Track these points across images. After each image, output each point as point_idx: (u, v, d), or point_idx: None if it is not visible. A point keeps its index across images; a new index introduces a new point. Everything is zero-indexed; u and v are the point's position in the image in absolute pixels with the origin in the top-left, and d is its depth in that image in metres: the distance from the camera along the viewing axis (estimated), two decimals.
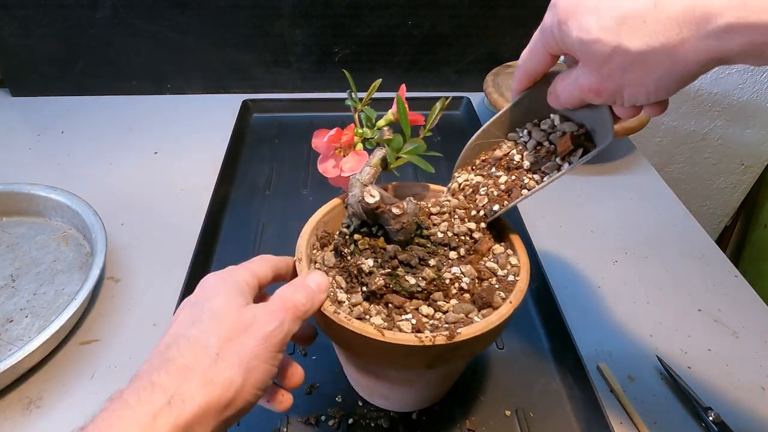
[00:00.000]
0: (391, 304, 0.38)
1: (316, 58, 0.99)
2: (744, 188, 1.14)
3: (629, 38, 0.31)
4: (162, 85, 1.01)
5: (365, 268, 0.39)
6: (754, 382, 0.54)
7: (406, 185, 0.49)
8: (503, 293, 0.39)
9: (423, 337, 0.35)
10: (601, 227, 0.73)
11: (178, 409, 0.27)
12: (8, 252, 0.64)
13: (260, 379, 0.31)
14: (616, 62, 0.32)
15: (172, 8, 0.91)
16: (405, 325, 0.37)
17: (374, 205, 0.38)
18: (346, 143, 0.44)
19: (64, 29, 0.92)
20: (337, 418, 0.48)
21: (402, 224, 0.39)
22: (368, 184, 0.40)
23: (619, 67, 0.32)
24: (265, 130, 0.92)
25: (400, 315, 0.38)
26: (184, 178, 0.79)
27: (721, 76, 0.99)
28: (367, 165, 0.41)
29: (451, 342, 0.35)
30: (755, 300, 0.64)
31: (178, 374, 0.29)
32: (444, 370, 0.44)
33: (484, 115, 0.95)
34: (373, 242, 0.41)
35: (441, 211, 0.44)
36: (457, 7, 0.95)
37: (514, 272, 0.42)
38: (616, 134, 0.80)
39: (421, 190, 0.49)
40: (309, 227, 0.44)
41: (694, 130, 1.06)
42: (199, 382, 0.29)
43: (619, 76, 0.33)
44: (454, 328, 0.36)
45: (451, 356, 0.37)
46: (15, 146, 0.85)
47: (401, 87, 0.45)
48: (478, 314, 0.38)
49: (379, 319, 0.37)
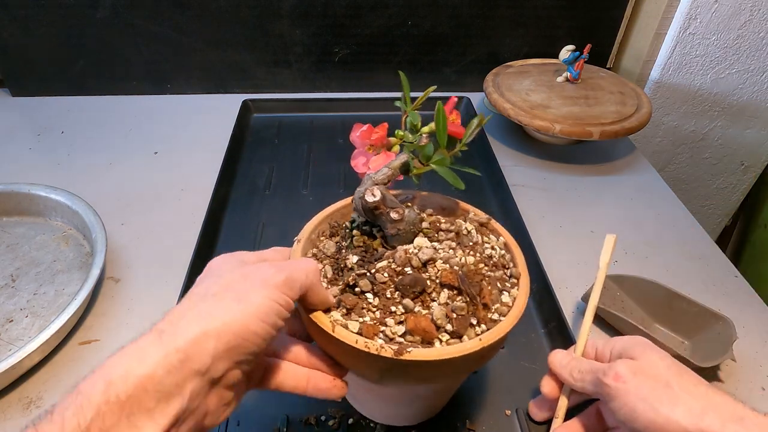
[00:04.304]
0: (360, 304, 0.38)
1: (316, 58, 0.99)
2: (744, 188, 1.14)
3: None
4: (162, 85, 1.01)
5: (348, 263, 0.39)
6: (754, 382, 0.54)
7: (435, 196, 0.47)
8: (480, 327, 0.37)
9: (367, 342, 0.34)
10: (601, 227, 0.73)
11: (169, 341, 0.27)
12: (8, 252, 0.64)
13: (263, 310, 0.29)
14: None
15: (172, 8, 0.91)
16: (353, 325, 0.35)
17: (373, 205, 0.38)
18: (377, 141, 0.43)
19: (64, 29, 0.92)
20: (337, 418, 0.48)
21: (398, 230, 0.39)
22: (379, 184, 0.39)
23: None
24: (265, 130, 0.92)
25: (360, 317, 0.37)
26: (184, 178, 0.79)
27: (721, 76, 0.99)
28: (387, 166, 0.41)
29: (397, 358, 0.33)
30: (755, 300, 0.64)
31: (174, 318, 0.29)
32: (421, 391, 0.42)
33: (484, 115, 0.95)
34: (368, 241, 0.41)
35: (449, 228, 0.42)
36: (457, 7, 0.95)
37: (502, 311, 0.38)
38: (616, 134, 0.80)
39: (450, 204, 0.47)
40: (323, 214, 0.44)
41: (694, 130, 1.06)
42: (193, 318, 0.28)
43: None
44: (405, 346, 0.34)
45: (402, 375, 0.36)
46: (15, 146, 0.85)
47: (451, 99, 0.44)
48: (445, 342, 0.36)
49: (338, 314, 0.36)
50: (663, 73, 0.99)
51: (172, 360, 0.26)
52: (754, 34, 0.94)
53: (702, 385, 0.36)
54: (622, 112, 0.83)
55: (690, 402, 0.34)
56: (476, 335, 0.36)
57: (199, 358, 0.27)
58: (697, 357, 0.51)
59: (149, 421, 0.25)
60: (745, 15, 0.92)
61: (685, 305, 0.56)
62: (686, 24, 0.93)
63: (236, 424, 0.47)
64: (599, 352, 0.44)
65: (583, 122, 0.81)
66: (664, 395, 0.35)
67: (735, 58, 0.97)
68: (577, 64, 0.88)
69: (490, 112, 0.96)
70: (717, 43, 0.95)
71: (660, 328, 0.58)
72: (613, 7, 0.99)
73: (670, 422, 0.33)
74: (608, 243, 0.50)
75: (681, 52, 0.96)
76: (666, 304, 0.57)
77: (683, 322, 0.57)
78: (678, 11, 0.93)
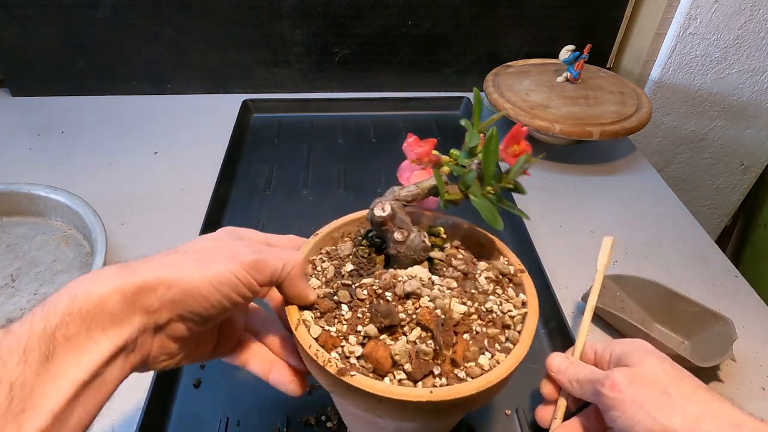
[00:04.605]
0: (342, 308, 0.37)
1: (316, 58, 0.99)
2: (744, 188, 1.14)
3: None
4: (162, 85, 1.01)
5: (343, 270, 0.39)
6: (754, 382, 0.54)
7: (476, 230, 0.44)
8: (441, 381, 0.33)
9: (318, 351, 0.33)
10: (601, 227, 0.73)
11: (128, 275, 0.29)
12: (8, 252, 0.64)
13: (218, 279, 0.31)
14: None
15: (172, 8, 0.91)
16: (315, 330, 0.35)
17: (380, 219, 0.37)
18: (421, 155, 0.41)
19: (64, 29, 0.92)
20: (336, 419, 0.48)
21: (398, 251, 0.38)
22: (400, 200, 0.38)
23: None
24: (265, 130, 0.92)
25: (329, 325, 0.36)
26: (184, 178, 0.79)
27: (721, 76, 0.99)
28: (416, 185, 0.39)
29: (337, 377, 0.32)
30: (755, 300, 0.64)
31: (142, 261, 0.31)
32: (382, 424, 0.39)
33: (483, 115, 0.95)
34: (373, 255, 0.40)
35: (458, 266, 0.40)
36: (457, 7, 0.95)
37: (473, 373, 0.34)
38: (616, 134, 0.80)
39: (487, 243, 0.43)
40: (354, 216, 0.44)
41: (694, 130, 1.06)
42: (155, 265, 0.30)
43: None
44: (351, 369, 0.32)
45: (346, 396, 0.34)
46: (15, 146, 0.85)
47: (517, 126, 0.39)
48: (396, 381, 0.33)
49: (310, 315, 0.36)
50: (663, 73, 0.99)
51: (127, 292, 0.28)
52: (754, 34, 0.94)
53: (700, 390, 0.35)
54: (622, 112, 0.83)
55: (687, 408, 0.34)
56: (432, 386, 0.33)
57: (148, 299, 0.29)
58: (697, 357, 0.51)
59: (104, 338, 0.27)
60: (745, 15, 0.92)
61: (685, 305, 0.56)
62: (686, 24, 0.93)
63: (236, 424, 0.47)
64: (599, 357, 0.43)
65: (583, 122, 0.81)
66: (662, 403, 0.35)
67: (735, 58, 0.97)
68: (577, 64, 0.88)
69: (490, 112, 0.96)
70: (717, 43, 0.95)
71: (660, 328, 0.58)
72: (613, 7, 0.99)
73: (667, 430, 0.33)
74: (606, 245, 0.50)
75: (681, 52, 0.96)
76: (666, 304, 0.57)
77: (683, 322, 0.57)
78: (678, 11, 0.93)
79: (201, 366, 0.52)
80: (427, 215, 0.44)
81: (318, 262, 0.41)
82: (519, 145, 0.39)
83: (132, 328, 0.29)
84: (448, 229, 0.44)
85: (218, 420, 0.48)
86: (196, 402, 0.49)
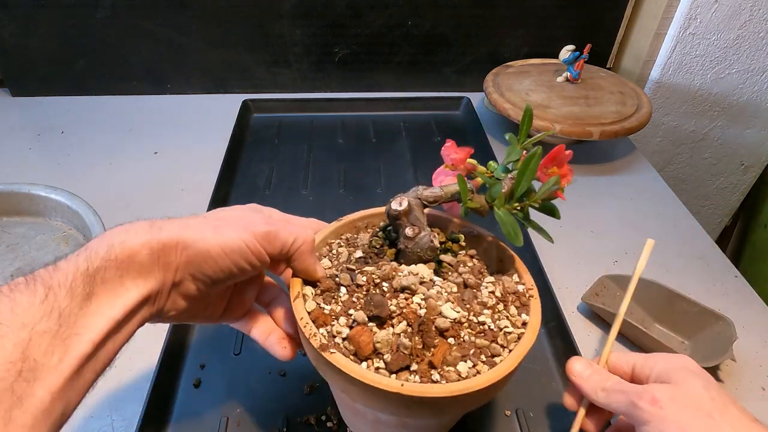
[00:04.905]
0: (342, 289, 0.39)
1: (316, 58, 0.99)
2: (744, 188, 1.14)
3: None
4: (162, 85, 1.01)
5: (352, 256, 0.40)
6: (754, 382, 0.54)
7: (497, 244, 0.44)
8: (414, 378, 0.34)
9: (307, 324, 0.35)
10: (601, 227, 0.73)
11: (155, 232, 0.32)
12: (8, 252, 0.64)
13: (229, 245, 0.33)
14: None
15: (172, 8, 0.91)
16: (311, 304, 0.37)
17: (395, 213, 0.39)
18: (455, 161, 0.42)
19: (64, 29, 0.92)
20: (336, 418, 0.48)
21: (406, 247, 0.39)
22: (422, 199, 0.39)
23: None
24: (265, 130, 0.92)
25: (325, 303, 0.38)
26: (184, 178, 0.79)
27: (721, 76, 0.99)
28: (441, 187, 0.40)
29: (319, 352, 0.34)
30: (755, 300, 0.64)
31: (170, 220, 0.34)
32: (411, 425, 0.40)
33: (484, 115, 0.95)
34: (385, 247, 0.42)
35: (461, 273, 0.40)
36: (457, 7, 0.95)
37: (449, 377, 0.34)
38: (616, 134, 0.80)
39: (507, 258, 0.43)
40: (381, 209, 0.45)
41: (694, 130, 1.06)
42: (179, 226, 0.33)
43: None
44: (332, 346, 0.34)
45: (327, 373, 0.36)
46: (15, 146, 0.85)
47: (560, 148, 0.38)
48: (374, 368, 0.34)
49: (311, 290, 0.38)
50: (663, 73, 0.99)
51: (154, 247, 0.31)
52: (754, 34, 0.94)
53: (746, 419, 0.34)
54: (622, 112, 0.83)
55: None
56: (405, 380, 0.33)
57: (170, 256, 0.32)
58: (697, 357, 0.51)
59: (133, 286, 0.30)
60: (745, 15, 0.92)
61: (685, 305, 0.56)
62: (686, 24, 0.93)
63: (236, 424, 0.47)
64: (637, 372, 0.40)
65: (583, 122, 0.81)
66: (705, 427, 0.33)
67: (735, 58, 0.97)
68: (577, 64, 0.88)
69: (490, 112, 0.96)
70: (717, 43, 0.95)
71: (660, 328, 0.58)
72: (613, 7, 0.99)
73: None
74: (647, 248, 0.45)
75: (681, 52, 0.96)
76: (666, 304, 0.57)
77: (683, 322, 0.57)
78: (678, 11, 0.93)
79: (201, 366, 0.52)
80: (455, 222, 0.45)
81: (335, 246, 0.43)
82: (561, 169, 0.38)
83: (155, 281, 0.32)
84: (470, 238, 0.44)
85: (218, 420, 0.48)
86: (196, 402, 0.49)
